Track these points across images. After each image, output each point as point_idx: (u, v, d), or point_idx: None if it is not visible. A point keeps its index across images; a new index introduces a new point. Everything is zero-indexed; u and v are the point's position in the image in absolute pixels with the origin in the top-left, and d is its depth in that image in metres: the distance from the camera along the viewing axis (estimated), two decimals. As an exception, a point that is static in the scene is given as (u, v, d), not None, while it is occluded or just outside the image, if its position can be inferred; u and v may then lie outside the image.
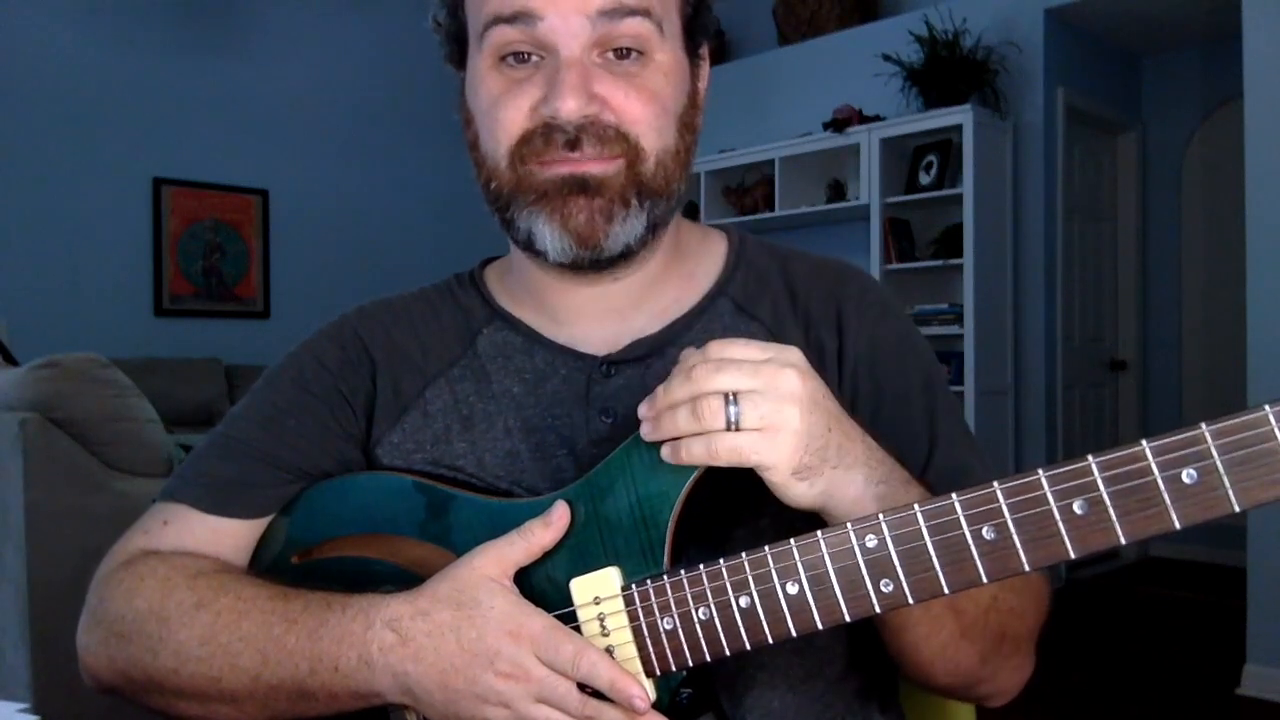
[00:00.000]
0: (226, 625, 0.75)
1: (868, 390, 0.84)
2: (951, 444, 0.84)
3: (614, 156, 0.78)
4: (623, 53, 0.78)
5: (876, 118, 4.70)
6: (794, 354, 0.67)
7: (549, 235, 0.79)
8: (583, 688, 0.67)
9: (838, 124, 4.73)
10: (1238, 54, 3.18)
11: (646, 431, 0.68)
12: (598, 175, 0.78)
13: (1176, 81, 5.30)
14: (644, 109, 0.79)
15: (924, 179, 4.63)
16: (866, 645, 0.85)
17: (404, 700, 0.71)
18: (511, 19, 0.77)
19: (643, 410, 0.68)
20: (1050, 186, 4.62)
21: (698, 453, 0.66)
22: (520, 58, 0.79)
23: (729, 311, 0.88)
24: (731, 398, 0.64)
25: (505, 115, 0.79)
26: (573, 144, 0.77)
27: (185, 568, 0.80)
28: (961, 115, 4.35)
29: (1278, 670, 3.10)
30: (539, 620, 0.68)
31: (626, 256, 0.82)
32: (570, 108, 0.76)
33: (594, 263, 0.81)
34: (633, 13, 0.77)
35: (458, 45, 0.85)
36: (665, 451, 0.67)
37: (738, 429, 0.64)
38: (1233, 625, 3.26)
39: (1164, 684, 3.32)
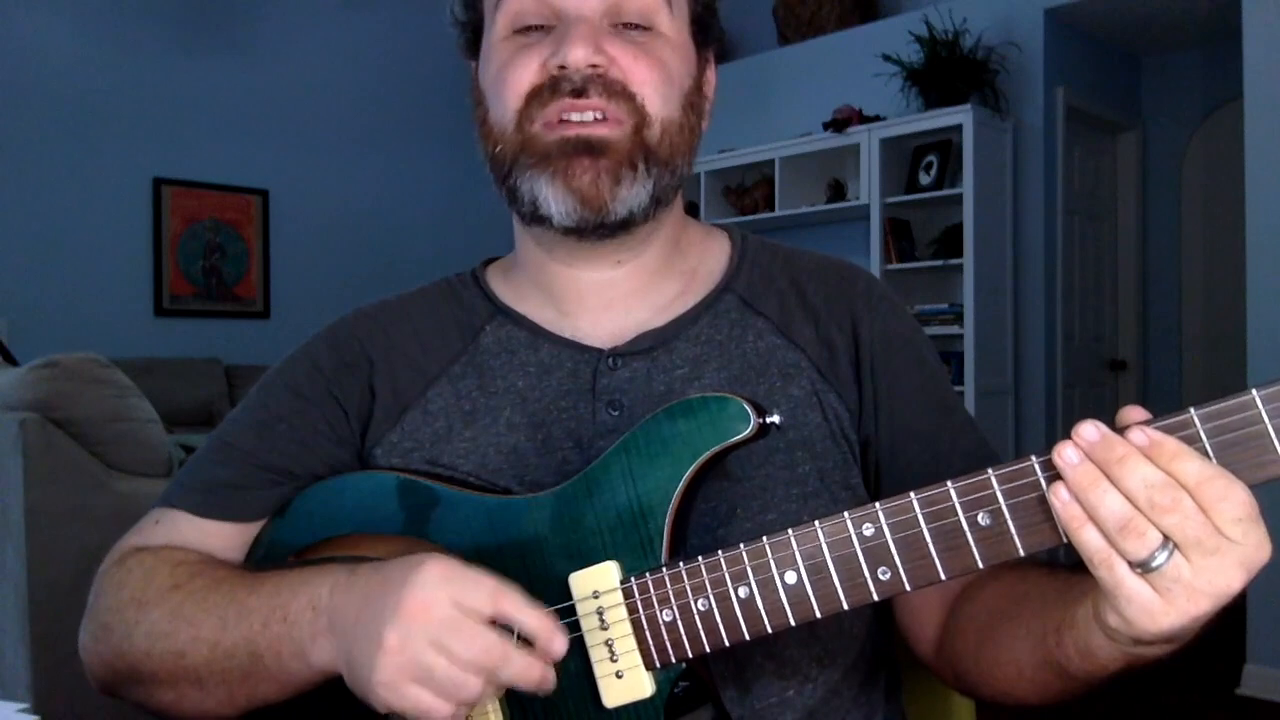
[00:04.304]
0: (196, 600, 0.76)
1: (885, 384, 0.85)
2: (971, 430, 0.86)
3: (618, 118, 0.79)
4: (631, 25, 0.80)
5: (876, 118, 4.70)
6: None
7: (553, 197, 0.79)
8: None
9: (838, 124, 4.73)
10: (1238, 54, 3.18)
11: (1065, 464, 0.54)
12: (603, 137, 0.78)
13: (1176, 81, 5.30)
14: (650, 72, 0.80)
15: (924, 179, 4.63)
16: (874, 637, 0.86)
17: (338, 663, 0.68)
18: None
19: (1079, 436, 0.54)
20: (1050, 186, 4.62)
21: (1089, 547, 0.54)
22: (532, 29, 0.81)
23: (735, 307, 0.87)
24: (1170, 545, 0.52)
25: (514, 75, 0.80)
26: (579, 92, 0.77)
27: (170, 557, 0.81)
28: (961, 115, 4.35)
29: (1278, 670, 3.10)
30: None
31: (629, 225, 0.82)
32: (578, 56, 0.76)
33: (599, 227, 0.80)
34: None
35: (474, 35, 0.87)
36: (1058, 500, 0.55)
37: (1145, 571, 0.53)
38: (1233, 625, 3.25)
39: (1164, 684, 3.32)
